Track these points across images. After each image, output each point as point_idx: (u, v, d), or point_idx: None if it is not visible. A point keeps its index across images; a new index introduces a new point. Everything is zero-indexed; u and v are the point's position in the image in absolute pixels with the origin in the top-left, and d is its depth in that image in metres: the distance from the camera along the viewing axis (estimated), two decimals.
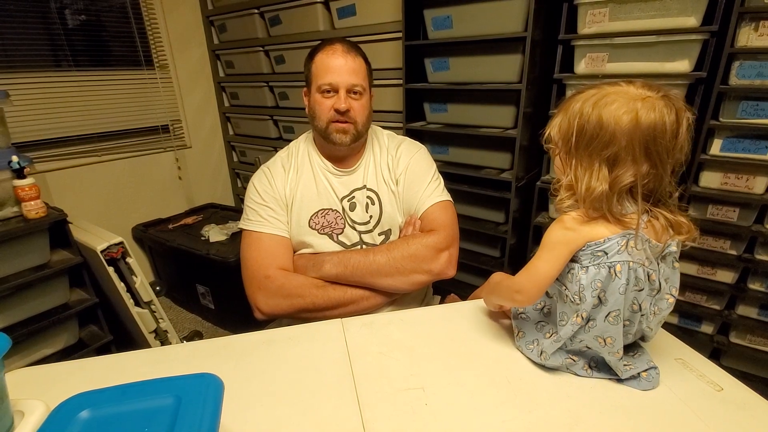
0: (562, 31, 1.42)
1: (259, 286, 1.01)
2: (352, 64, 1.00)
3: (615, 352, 0.64)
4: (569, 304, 0.65)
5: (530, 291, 0.67)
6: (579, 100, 0.63)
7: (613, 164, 0.59)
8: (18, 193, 1.37)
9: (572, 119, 0.62)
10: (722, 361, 1.50)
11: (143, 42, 2.30)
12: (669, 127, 0.57)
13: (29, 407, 0.54)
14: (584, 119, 0.60)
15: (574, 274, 0.64)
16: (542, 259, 0.65)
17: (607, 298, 0.62)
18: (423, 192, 1.07)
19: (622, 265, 0.60)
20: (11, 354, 1.42)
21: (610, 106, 0.59)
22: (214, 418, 0.47)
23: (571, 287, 0.64)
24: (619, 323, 0.62)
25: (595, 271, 0.62)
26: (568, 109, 0.64)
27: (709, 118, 1.28)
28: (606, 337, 0.64)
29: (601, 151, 0.59)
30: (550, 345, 0.68)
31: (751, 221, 1.33)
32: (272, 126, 2.54)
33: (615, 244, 0.61)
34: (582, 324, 0.64)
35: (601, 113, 0.59)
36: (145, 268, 2.48)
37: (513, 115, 1.61)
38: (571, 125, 0.62)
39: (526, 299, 0.68)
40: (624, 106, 0.58)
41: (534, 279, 0.66)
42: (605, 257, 0.61)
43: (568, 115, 0.63)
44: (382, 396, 0.67)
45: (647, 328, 0.66)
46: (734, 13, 1.18)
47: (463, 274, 1.93)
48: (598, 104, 0.60)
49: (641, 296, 0.62)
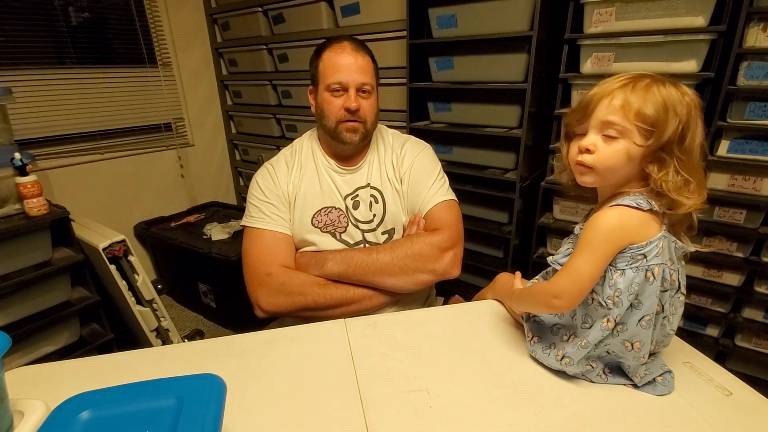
0: (568, 31, 1.41)
1: (261, 284, 1.00)
2: (361, 63, 0.99)
3: (641, 356, 0.62)
4: (596, 308, 0.63)
5: (571, 294, 0.62)
6: (670, 86, 0.58)
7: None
8: (20, 190, 1.36)
9: (681, 110, 0.57)
10: (727, 365, 1.48)
11: (146, 40, 2.29)
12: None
13: (29, 407, 0.54)
14: (691, 110, 0.58)
15: (608, 277, 0.61)
16: (585, 259, 0.61)
17: (641, 301, 0.60)
18: (427, 191, 1.06)
19: (659, 268, 0.59)
20: (12, 352, 1.41)
21: (685, 100, 0.57)
22: (217, 419, 0.46)
23: (602, 291, 0.62)
24: (651, 327, 0.61)
25: (633, 274, 0.60)
26: (659, 93, 0.57)
27: (716, 119, 1.26)
28: (635, 341, 0.62)
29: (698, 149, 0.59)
30: (576, 351, 0.65)
31: (758, 223, 1.31)
32: (275, 124, 2.53)
33: (655, 247, 0.59)
34: (611, 328, 0.62)
35: (689, 115, 0.57)
36: (147, 267, 2.48)
37: (518, 115, 1.60)
38: (682, 125, 0.57)
39: (566, 304, 0.63)
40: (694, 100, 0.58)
41: (576, 281, 0.61)
42: (644, 260, 0.59)
43: (678, 116, 0.57)
44: (386, 397, 0.66)
45: (670, 331, 0.65)
46: (742, 13, 1.17)
47: (467, 275, 1.92)
48: (682, 104, 0.57)
49: (665, 297, 0.61)
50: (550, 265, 0.71)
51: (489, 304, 0.92)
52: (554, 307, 0.65)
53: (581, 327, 0.66)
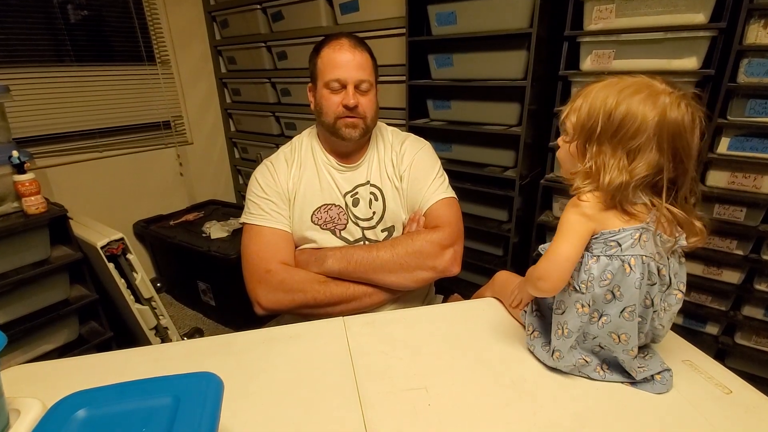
0: (568, 28, 1.40)
1: (260, 281, 0.99)
2: (359, 59, 0.98)
3: (629, 349, 0.63)
4: (570, 293, 0.64)
5: (552, 276, 0.63)
6: (602, 88, 0.61)
7: (635, 156, 0.59)
8: (18, 188, 1.36)
9: (596, 108, 0.61)
10: (727, 363, 1.48)
11: (145, 37, 2.28)
12: (689, 126, 0.57)
13: (25, 405, 0.53)
14: (610, 108, 0.59)
15: (584, 262, 0.63)
16: (561, 241, 0.63)
17: (622, 293, 0.61)
18: (427, 188, 1.06)
19: (636, 259, 0.60)
20: (11, 350, 1.42)
21: (636, 96, 0.58)
22: (214, 418, 0.46)
23: (578, 276, 0.63)
24: (634, 319, 0.61)
25: (607, 261, 0.61)
26: (589, 96, 0.62)
27: (716, 117, 1.26)
28: (621, 333, 0.63)
29: (628, 141, 0.59)
30: (561, 342, 0.66)
31: (758, 221, 1.31)
32: (274, 122, 2.53)
33: (629, 236, 0.60)
34: (589, 315, 0.63)
35: (629, 104, 0.58)
36: (146, 265, 2.47)
37: (517, 113, 1.60)
38: (594, 114, 0.61)
39: (550, 286, 0.64)
40: (651, 98, 0.57)
41: (556, 262, 0.63)
42: (618, 249, 0.60)
43: (590, 102, 0.62)
44: (385, 396, 0.66)
45: (659, 325, 0.65)
46: (743, 10, 1.16)
47: (466, 273, 1.92)
48: (624, 92, 0.59)
49: (653, 291, 0.62)
50: (540, 252, 0.72)
51: (488, 302, 0.92)
52: (540, 290, 0.66)
53: (555, 312, 0.67)
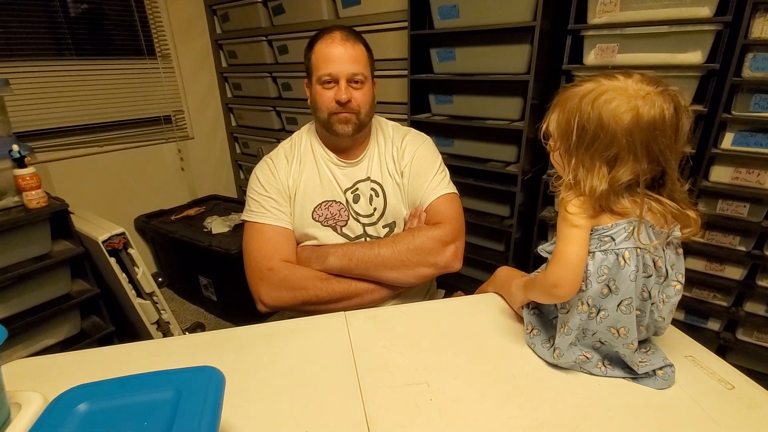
0: (572, 21, 1.39)
1: (262, 278, 0.99)
2: (351, 52, 0.97)
3: (629, 343, 0.63)
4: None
5: (569, 280, 0.61)
6: (576, 96, 0.61)
7: (614, 163, 0.59)
8: (19, 182, 1.35)
9: (571, 117, 0.60)
10: (728, 359, 1.48)
11: (145, 31, 2.27)
12: (669, 122, 0.57)
13: (26, 399, 0.53)
14: (584, 119, 0.59)
15: None
16: (567, 243, 0.62)
17: (617, 286, 0.61)
18: (428, 184, 1.05)
19: (630, 252, 0.60)
20: (13, 344, 1.42)
21: (609, 104, 0.57)
22: (215, 412, 0.46)
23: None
24: (632, 312, 0.61)
25: (602, 257, 0.61)
26: (565, 105, 0.62)
27: (721, 111, 1.25)
28: (619, 327, 0.63)
29: (603, 152, 0.59)
30: (561, 339, 0.66)
31: (761, 217, 1.30)
32: (275, 117, 2.52)
33: (622, 230, 0.60)
34: (588, 312, 0.63)
35: (600, 112, 0.57)
36: (148, 260, 2.48)
37: (520, 107, 1.59)
38: (570, 123, 0.60)
39: (567, 291, 0.62)
40: (624, 104, 0.57)
41: (568, 265, 0.61)
42: (612, 243, 0.60)
43: (566, 111, 0.61)
44: (386, 390, 0.66)
45: (659, 318, 0.65)
46: (748, 4, 1.15)
47: (468, 269, 1.92)
48: (597, 102, 0.58)
49: (650, 283, 0.61)
50: (540, 254, 0.72)
51: (490, 297, 0.92)
52: (556, 296, 0.65)
53: (560, 312, 0.67)
